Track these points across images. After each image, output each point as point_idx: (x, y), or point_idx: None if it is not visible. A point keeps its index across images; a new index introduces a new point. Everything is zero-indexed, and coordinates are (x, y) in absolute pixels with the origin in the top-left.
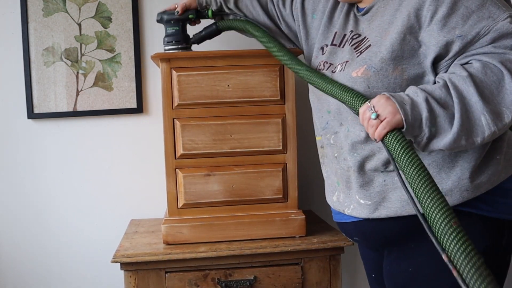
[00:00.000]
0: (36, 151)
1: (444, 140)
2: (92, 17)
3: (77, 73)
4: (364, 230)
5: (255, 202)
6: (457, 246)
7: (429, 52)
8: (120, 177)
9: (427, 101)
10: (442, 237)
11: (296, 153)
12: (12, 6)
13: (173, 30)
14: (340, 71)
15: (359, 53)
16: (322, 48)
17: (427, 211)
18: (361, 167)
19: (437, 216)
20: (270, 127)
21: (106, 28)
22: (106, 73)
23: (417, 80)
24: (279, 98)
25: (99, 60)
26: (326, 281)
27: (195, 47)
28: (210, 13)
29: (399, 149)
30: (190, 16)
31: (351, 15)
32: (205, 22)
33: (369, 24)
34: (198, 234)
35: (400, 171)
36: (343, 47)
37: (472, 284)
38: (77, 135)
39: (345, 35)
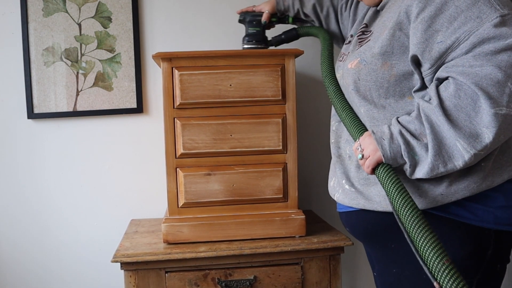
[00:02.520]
0: (36, 151)
1: (423, 169)
2: (92, 17)
3: (77, 73)
4: (351, 220)
5: (255, 202)
6: (451, 281)
7: (409, 48)
8: (120, 177)
9: (401, 134)
10: (435, 273)
11: (296, 153)
12: (12, 6)
13: (255, 31)
14: (343, 61)
15: (359, 46)
16: (347, 39)
17: (421, 248)
18: (354, 158)
19: (431, 254)
20: (271, 127)
21: (106, 28)
22: (106, 73)
23: (407, 77)
24: (280, 98)
25: (99, 60)
26: (326, 281)
27: (196, 48)
28: (290, 20)
29: (387, 182)
30: (273, 19)
31: (374, 10)
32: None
33: (380, 19)
34: (198, 233)
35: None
36: (354, 37)
37: None
38: (77, 135)
39: (358, 27)
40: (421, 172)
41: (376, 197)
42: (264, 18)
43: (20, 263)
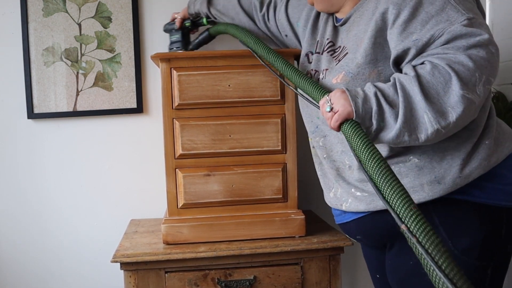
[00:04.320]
0: (36, 151)
1: (389, 134)
2: (92, 17)
3: (77, 73)
4: (365, 226)
5: (255, 202)
6: (417, 226)
7: (390, 53)
8: (120, 177)
9: (376, 96)
10: (404, 218)
11: (296, 153)
12: (12, 6)
13: (175, 38)
14: (323, 79)
15: (337, 61)
16: (307, 55)
17: (388, 197)
18: (354, 167)
19: (398, 201)
20: (270, 127)
21: (106, 28)
22: (106, 73)
23: None
24: (279, 98)
25: (99, 60)
26: (326, 281)
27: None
28: (205, 21)
29: (353, 137)
30: (186, 24)
31: (330, 24)
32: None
33: (347, 34)
34: (198, 234)
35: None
36: (322, 54)
37: (434, 255)
38: (77, 135)
39: (322, 43)
40: (386, 137)
41: None
42: (176, 23)
43: (20, 263)
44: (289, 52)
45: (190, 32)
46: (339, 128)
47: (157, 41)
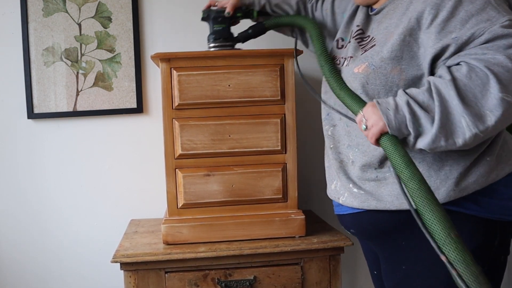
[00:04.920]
0: (36, 151)
1: (425, 140)
2: (92, 17)
3: (77, 73)
4: (359, 221)
5: (254, 202)
6: (458, 255)
7: (426, 54)
8: (120, 177)
9: (408, 104)
10: (443, 246)
11: (295, 153)
12: (12, 6)
13: (220, 28)
14: (346, 65)
15: (364, 51)
16: (337, 41)
17: (428, 222)
18: (356, 163)
19: (438, 228)
20: (269, 127)
21: (106, 28)
22: (106, 73)
23: (416, 81)
24: (279, 98)
25: (99, 60)
26: (326, 281)
27: (196, 48)
28: (255, 13)
29: (392, 153)
30: (238, 14)
31: (363, 12)
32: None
33: (378, 25)
34: (198, 234)
35: (397, 173)
36: (349, 42)
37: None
38: (77, 135)
39: (353, 30)
40: (422, 142)
41: (387, 197)
42: (228, 9)
43: (20, 263)
44: (289, 51)
45: (234, 23)
46: (378, 144)
47: (157, 41)
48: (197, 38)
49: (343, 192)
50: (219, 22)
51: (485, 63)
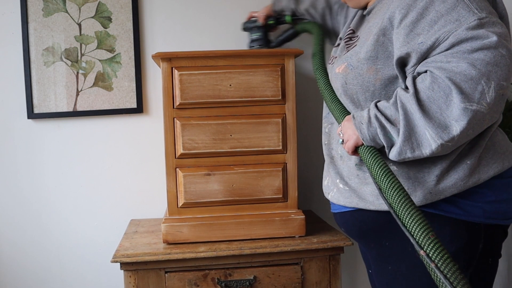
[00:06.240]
0: (36, 151)
1: (393, 151)
2: (92, 17)
3: (77, 73)
4: (345, 220)
5: (255, 202)
6: (436, 254)
7: (394, 54)
8: (120, 177)
9: (376, 118)
10: (422, 244)
11: (296, 153)
12: (12, 6)
13: (256, 36)
14: (332, 65)
15: (346, 51)
16: (337, 41)
17: (407, 224)
18: (345, 158)
19: (417, 229)
20: (270, 127)
21: (106, 28)
22: (106, 73)
23: (392, 81)
24: (280, 98)
25: (99, 60)
26: (326, 281)
27: (196, 47)
28: (288, 18)
29: (368, 159)
30: (270, 22)
31: (358, 14)
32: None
33: (366, 24)
34: (198, 233)
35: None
36: (341, 43)
37: (452, 280)
38: (77, 135)
39: (345, 31)
40: (391, 154)
41: (369, 196)
42: (259, 20)
43: (20, 263)
44: (289, 52)
45: (271, 30)
46: (354, 154)
47: (157, 41)
48: (197, 38)
49: (332, 188)
50: (255, 32)
51: (448, 73)
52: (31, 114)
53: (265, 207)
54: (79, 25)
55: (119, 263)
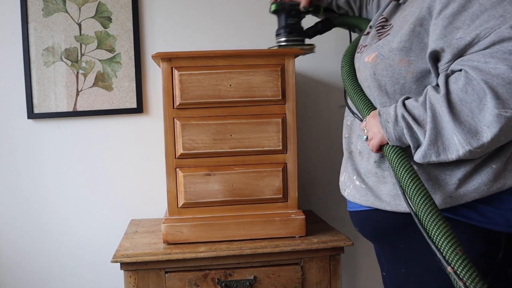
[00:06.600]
0: (36, 151)
1: (418, 153)
2: (92, 17)
3: (77, 73)
4: (360, 219)
5: (255, 202)
6: (464, 270)
7: (428, 45)
8: (120, 177)
9: (403, 117)
10: (450, 260)
11: (296, 153)
12: (12, 6)
13: (294, 21)
14: (360, 54)
15: (378, 40)
16: (366, 30)
17: (432, 235)
18: (365, 154)
19: (444, 243)
20: (270, 127)
21: (106, 28)
22: (106, 73)
23: (424, 75)
24: (280, 98)
25: (99, 60)
26: (326, 281)
27: (196, 47)
28: (322, 10)
29: (394, 160)
30: (310, 9)
31: (395, 3)
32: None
33: (401, 13)
34: (198, 233)
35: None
36: (371, 31)
37: None
38: (77, 135)
39: (377, 19)
40: (416, 155)
41: (386, 197)
42: (304, 3)
43: (20, 263)
44: (289, 52)
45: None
46: (378, 152)
47: (157, 41)
48: (197, 38)
49: (349, 184)
50: (292, 16)
51: (484, 76)
52: (31, 114)
53: (265, 207)
54: (79, 25)
55: (119, 263)
